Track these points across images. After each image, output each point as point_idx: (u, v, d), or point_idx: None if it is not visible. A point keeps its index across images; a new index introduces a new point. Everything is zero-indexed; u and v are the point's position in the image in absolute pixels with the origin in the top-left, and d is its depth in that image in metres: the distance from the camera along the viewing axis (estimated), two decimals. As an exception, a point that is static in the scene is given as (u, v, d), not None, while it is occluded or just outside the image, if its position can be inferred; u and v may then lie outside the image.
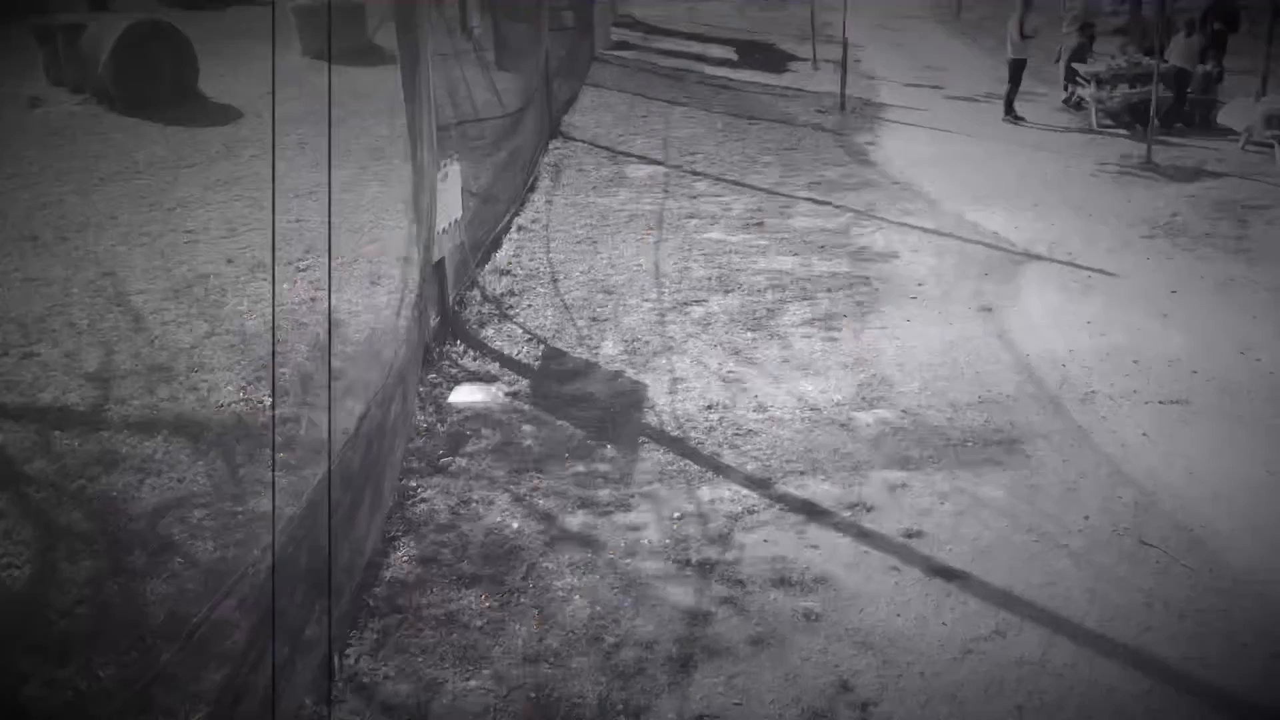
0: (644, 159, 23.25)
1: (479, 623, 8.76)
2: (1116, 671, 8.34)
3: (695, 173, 22.26)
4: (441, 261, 13.60)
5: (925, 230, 18.79)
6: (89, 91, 26.96)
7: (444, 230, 13.35)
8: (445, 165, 13.41)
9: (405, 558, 9.53)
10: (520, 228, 18.50)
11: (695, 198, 20.56)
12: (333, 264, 14.97)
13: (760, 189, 21.23)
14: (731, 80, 32.71)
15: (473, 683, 8.11)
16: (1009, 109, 27.56)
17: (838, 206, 20.16)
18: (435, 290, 13.58)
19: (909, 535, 9.95)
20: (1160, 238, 18.40)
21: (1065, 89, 29.06)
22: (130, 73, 26.37)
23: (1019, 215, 19.54)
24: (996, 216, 19.47)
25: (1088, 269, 16.85)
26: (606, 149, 23.95)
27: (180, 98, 26.98)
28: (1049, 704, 7.99)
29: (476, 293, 15.20)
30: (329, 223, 12.21)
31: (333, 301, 13.66)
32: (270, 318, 14.30)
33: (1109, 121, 26.88)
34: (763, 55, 36.96)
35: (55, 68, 28.36)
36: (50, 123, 25.57)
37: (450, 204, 13.61)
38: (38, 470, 10.70)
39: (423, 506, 10.28)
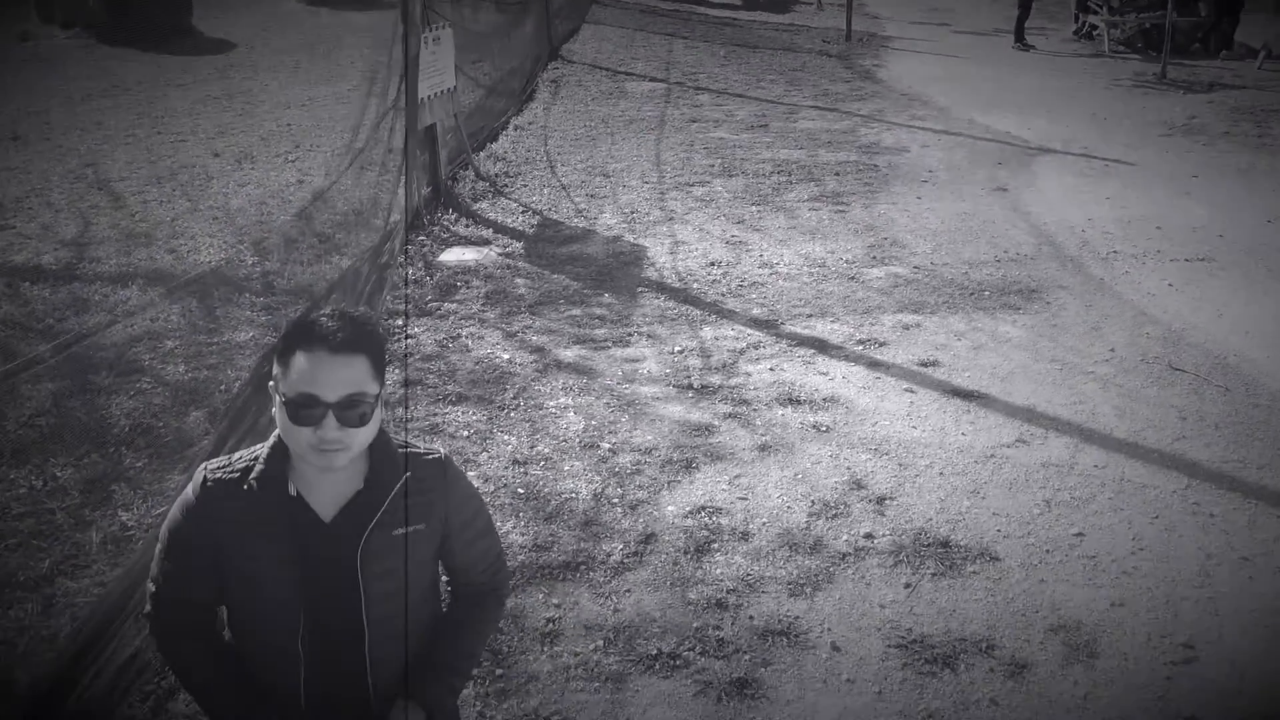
0: (645, 77, 22.60)
1: (465, 433, 8.15)
2: (1150, 472, 7.77)
3: (698, 88, 21.67)
4: (433, 128, 12.91)
5: (935, 131, 18.11)
6: (80, 25, 26.24)
7: (434, 96, 12.69)
8: (436, 29, 12.76)
9: (387, 382, 8.82)
10: (517, 127, 17.94)
11: (698, 107, 19.98)
12: (325, 153, 14.50)
13: (765, 100, 20.66)
14: (735, 19, 32.08)
15: (458, 481, 7.43)
16: (1019, 37, 26.94)
17: (844, 113, 19.57)
18: (427, 159, 12.90)
19: (924, 365, 9.39)
20: (1178, 136, 17.83)
21: (1076, 19, 28.44)
22: (123, 6, 25.62)
23: (1031, 119, 18.94)
24: (1009, 120, 18.91)
25: (1104, 159, 16.17)
26: (607, 69, 23.35)
27: (173, 31, 26.30)
28: (1079, 498, 7.41)
29: (470, 172, 14.51)
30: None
31: (322, 182, 13.13)
32: (255, 198, 13.64)
33: (1122, 48, 26.13)
34: None
35: (47, 6, 27.67)
36: (40, 53, 24.89)
37: (441, 70, 12.96)
38: (3, 314, 10.03)
39: (409, 342, 9.63)
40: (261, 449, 3.16)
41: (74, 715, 5.29)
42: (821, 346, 9.66)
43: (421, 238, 12.07)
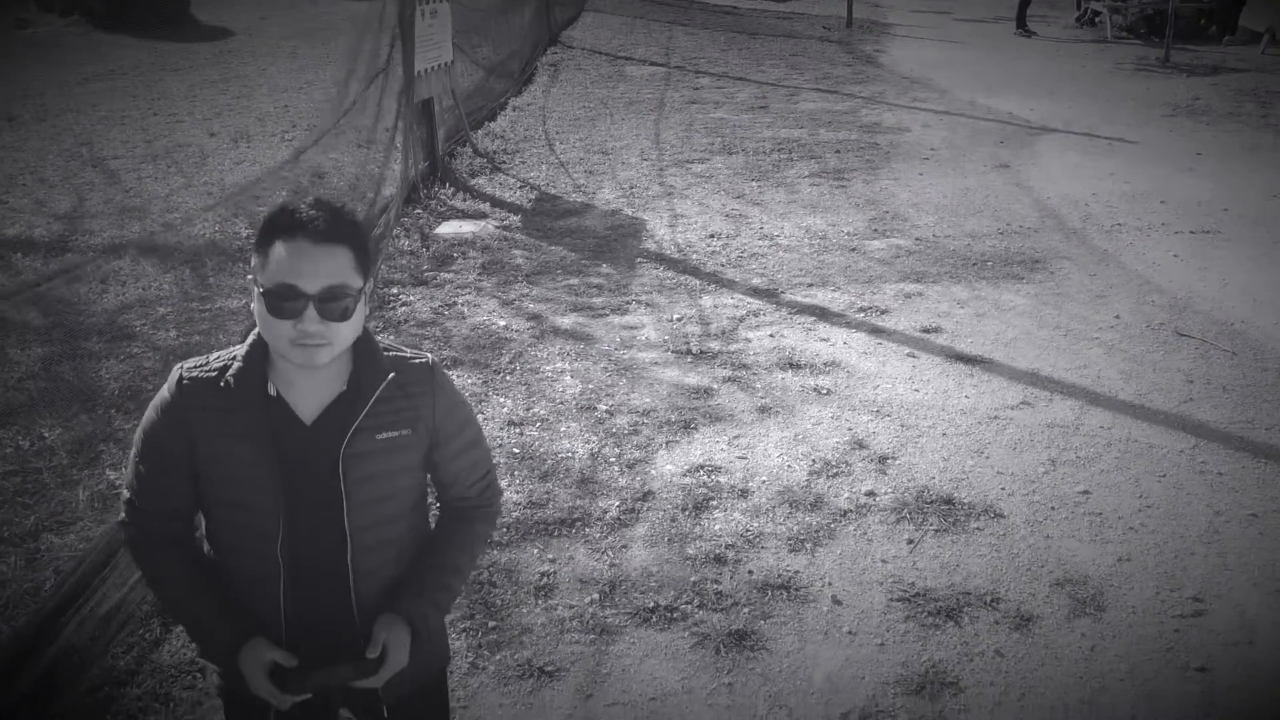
0: (645, 62, 22.50)
1: (460, 395, 7.94)
2: (1157, 432, 7.63)
3: (698, 71, 21.56)
4: (429, 102, 12.78)
5: (936, 112, 17.99)
6: (78, 13, 26.13)
7: (431, 69, 12.55)
8: (434, 2, 12.60)
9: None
10: (515, 108, 17.83)
11: (698, 89, 19.88)
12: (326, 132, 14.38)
13: (765, 83, 20.55)
14: (735, 7, 31.99)
15: (451, 441, 7.29)
16: (1020, 23, 26.85)
17: (845, 95, 19.44)
18: (424, 133, 12.77)
19: (927, 331, 9.26)
20: (1182, 116, 17.69)
21: (1078, 6, 28.35)
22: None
23: (1034, 100, 18.83)
24: (1010, 101, 18.80)
25: (1108, 138, 16.03)
26: (607, 54, 23.25)
27: (171, 19, 26.18)
28: (1085, 457, 7.26)
29: (468, 149, 14.39)
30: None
31: (318, 158, 13.02)
32: (251, 174, 13.51)
33: (1125, 34, 26.02)
34: (767, -11, 36.20)
35: (46, -5, 27.61)
36: (37, 40, 24.79)
37: (438, 44, 12.83)
38: (-8, 283, 9.91)
39: (403, 309, 9.58)
40: (240, 348, 2.99)
41: (55, 666, 5.14)
42: (822, 314, 9.53)
43: (418, 211, 11.96)
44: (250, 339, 2.99)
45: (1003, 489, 6.87)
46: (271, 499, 2.95)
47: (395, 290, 9.84)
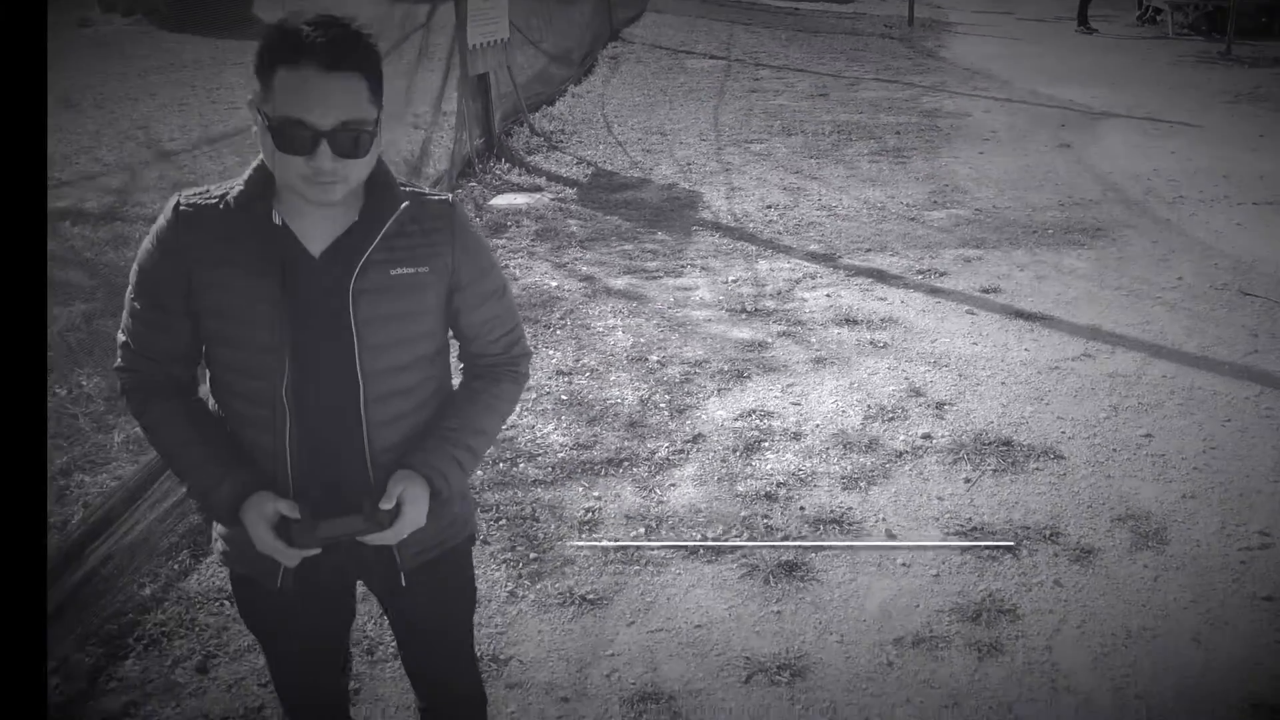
0: (705, 55, 22.42)
1: (511, 347, 7.86)
2: (1221, 382, 7.48)
3: (758, 64, 21.47)
4: (485, 78, 12.73)
5: (997, 99, 17.82)
6: (141, 12, 26.28)
7: (486, 45, 12.50)
8: (490, -23, 12.57)
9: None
10: (575, 95, 17.77)
11: (758, 80, 19.75)
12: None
13: (825, 74, 20.42)
14: (797, 8, 31.82)
15: (500, 388, 7.19)
16: (1082, 20, 26.59)
17: (906, 84, 19.29)
18: (480, 109, 12.71)
19: (986, 291, 9.12)
20: (1244, 103, 17.44)
21: (1139, 4, 28.04)
22: (184, -6, 25.69)
23: (1095, 89, 18.62)
24: (1072, 90, 18.59)
25: (1170, 121, 15.83)
26: (667, 49, 23.18)
27: (234, 19, 26.23)
28: (1147, 404, 7.11)
29: (526, 128, 14.35)
30: None
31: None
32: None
33: (1186, 30, 25.74)
34: (828, -8, 36.03)
35: (109, -3, 27.76)
36: (98, 37, 24.92)
37: (495, 20, 12.78)
38: (46, 248, 9.86)
39: (456, 271, 9.40)
40: (243, 173, 2.73)
41: (75, 593, 5.07)
42: (880, 276, 9.42)
43: (473, 184, 11.90)
44: (253, 164, 2.72)
45: (1063, 433, 6.73)
46: (276, 335, 2.71)
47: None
